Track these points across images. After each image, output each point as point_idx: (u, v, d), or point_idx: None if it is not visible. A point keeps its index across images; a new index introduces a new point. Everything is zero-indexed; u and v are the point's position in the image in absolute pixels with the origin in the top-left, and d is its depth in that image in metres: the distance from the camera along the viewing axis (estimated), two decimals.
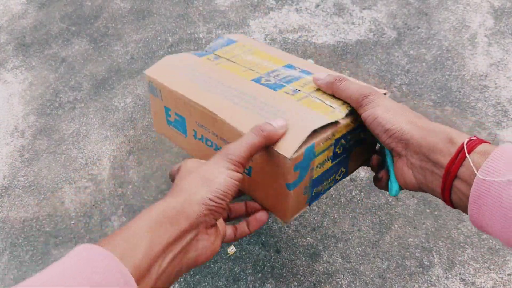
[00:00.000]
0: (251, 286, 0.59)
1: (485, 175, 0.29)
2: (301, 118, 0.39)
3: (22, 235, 0.66)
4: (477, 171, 0.29)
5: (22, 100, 0.81)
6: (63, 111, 0.78)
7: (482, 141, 0.32)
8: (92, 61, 0.84)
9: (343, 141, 0.41)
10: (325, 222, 0.63)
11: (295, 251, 0.61)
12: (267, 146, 0.37)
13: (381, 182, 0.42)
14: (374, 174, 0.45)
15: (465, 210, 0.32)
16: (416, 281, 0.57)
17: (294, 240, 0.62)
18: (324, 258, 0.60)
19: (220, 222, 0.38)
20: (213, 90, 0.45)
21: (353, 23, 0.83)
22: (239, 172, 0.35)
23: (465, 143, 0.31)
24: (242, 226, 0.42)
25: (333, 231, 0.62)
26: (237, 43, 0.54)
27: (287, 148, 0.36)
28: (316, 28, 0.83)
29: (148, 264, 0.28)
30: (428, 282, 0.56)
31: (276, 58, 0.51)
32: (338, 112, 0.40)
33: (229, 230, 0.41)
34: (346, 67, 0.77)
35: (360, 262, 0.59)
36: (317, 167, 0.40)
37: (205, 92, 0.45)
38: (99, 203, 0.68)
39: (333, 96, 0.42)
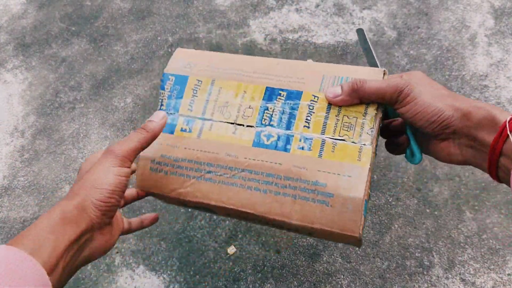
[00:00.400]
0: (251, 286, 0.59)
1: None
2: (342, 186, 0.37)
3: None
4: None
5: (22, 100, 0.81)
6: (63, 111, 0.78)
7: None
8: (92, 61, 0.84)
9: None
10: None
11: (295, 251, 0.61)
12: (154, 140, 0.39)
13: (400, 148, 0.43)
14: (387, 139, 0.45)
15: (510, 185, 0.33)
16: (416, 281, 0.57)
17: (294, 240, 0.62)
18: (324, 258, 0.60)
19: (117, 217, 0.40)
20: (226, 186, 0.40)
21: (353, 23, 0.83)
22: (126, 167, 0.37)
23: (508, 120, 0.32)
24: (137, 221, 0.45)
25: None
26: (190, 80, 0.43)
27: (353, 228, 0.36)
28: (316, 28, 0.83)
29: (55, 260, 0.31)
30: (428, 282, 0.56)
31: (247, 86, 0.42)
32: (367, 148, 0.38)
33: (125, 223, 0.44)
34: None
35: (360, 262, 0.59)
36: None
37: (218, 192, 0.40)
38: None
39: (345, 110, 0.39)
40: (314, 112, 0.40)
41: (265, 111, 0.41)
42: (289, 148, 0.39)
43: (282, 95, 0.41)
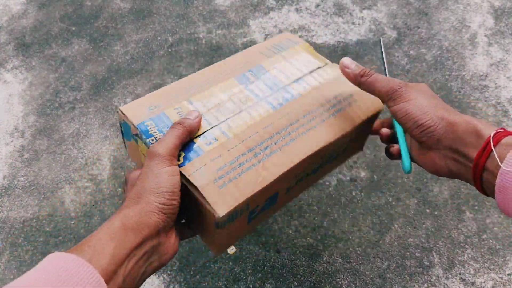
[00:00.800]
0: (251, 286, 0.59)
1: (509, 167, 0.30)
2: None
3: (22, 235, 0.66)
4: (502, 163, 0.31)
5: (22, 100, 0.81)
6: (63, 111, 0.78)
7: (508, 133, 0.33)
8: (92, 61, 0.84)
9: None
10: (325, 222, 0.63)
11: (295, 251, 0.61)
12: (189, 138, 0.39)
13: (393, 156, 0.44)
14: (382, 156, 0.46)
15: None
16: (416, 281, 0.57)
17: (294, 240, 0.62)
18: (324, 258, 0.60)
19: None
20: (288, 145, 0.41)
21: (353, 23, 0.83)
22: (175, 165, 0.37)
23: (492, 136, 0.33)
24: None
25: (333, 231, 0.62)
26: (167, 112, 0.42)
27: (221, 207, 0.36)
28: (316, 28, 0.83)
29: (115, 267, 0.31)
30: (428, 282, 0.56)
31: (219, 86, 0.44)
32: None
33: (185, 228, 0.43)
34: None
35: (360, 262, 0.59)
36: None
37: (288, 153, 0.40)
38: (99, 203, 0.68)
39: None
40: None
41: (252, 89, 0.44)
42: (297, 93, 0.44)
43: (251, 73, 0.46)
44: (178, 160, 0.38)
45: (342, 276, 0.59)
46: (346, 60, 0.43)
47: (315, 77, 0.47)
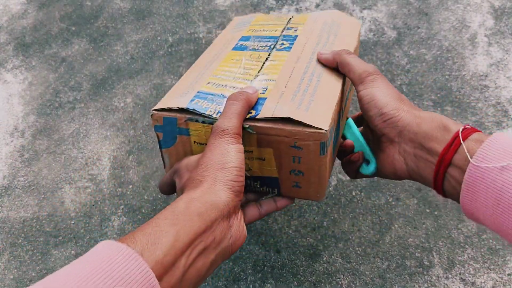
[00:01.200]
0: (251, 286, 0.59)
1: (479, 162, 0.29)
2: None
3: (22, 235, 0.66)
4: (471, 158, 0.30)
5: (22, 100, 0.81)
6: (63, 111, 0.78)
7: (476, 130, 0.32)
8: (92, 61, 0.84)
9: None
10: (325, 222, 0.63)
11: (295, 251, 0.61)
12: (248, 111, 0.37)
13: (356, 164, 0.42)
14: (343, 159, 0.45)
15: (456, 198, 0.32)
16: (416, 281, 0.57)
17: (294, 240, 0.62)
18: (324, 258, 0.60)
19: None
20: None
21: None
22: (241, 143, 0.35)
23: (460, 130, 0.32)
24: (268, 202, 0.41)
25: (333, 231, 0.62)
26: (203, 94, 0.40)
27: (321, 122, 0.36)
28: None
29: (173, 258, 0.26)
30: (428, 282, 0.56)
31: (222, 60, 0.46)
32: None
33: (252, 210, 0.40)
34: None
35: (360, 262, 0.59)
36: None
37: None
38: (99, 203, 0.68)
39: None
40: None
41: (255, 47, 0.47)
42: (294, 34, 0.49)
43: (242, 41, 0.49)
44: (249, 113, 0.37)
45: (342, 276, 0.59)
46: (322, 50, 0.44)
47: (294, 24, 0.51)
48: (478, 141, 0.31)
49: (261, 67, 0.44)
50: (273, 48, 0.46)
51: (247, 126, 0.36)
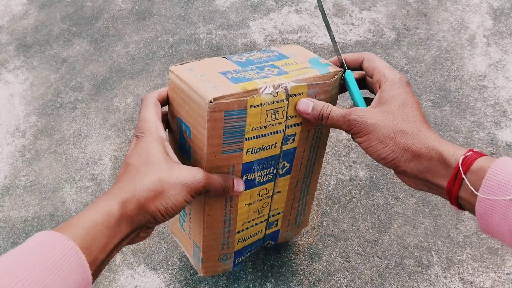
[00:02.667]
0: (251, 285, 0.59)
1: (487, 195, 0.29)
2: None
3: (24, 234, 0.66)
4: (478, 190, 0.29)
5: (23, 101, 0.81)
6: (64, 111, 0.79)
7: (476, 156, 0.31)
8: (93, 62, 0.85)
9: None
10: (324, 222, 0.63)
11: (295, 251, 0.61)
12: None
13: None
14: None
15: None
16: (415, 280, 0.57)
17: (294, 240, 0.62)
18: (324, 258, 0.60)
19: None
20: None
21: (352, 24, 0.84)
22: (193, 197, 0.36)
23: (460, 163, 0.31)
24: None
25: (332, 230, 0.63)
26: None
27: None
28: (315, 28, 0.84)
29: (104, 256, 0.31)
30: (427, 281, 0.57)
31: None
32: None
33: None
34: None
35: (360, 261, 0.60)
36: None
37: None
38: None
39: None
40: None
41: (262, 185, 0.48)
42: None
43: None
44: None
45: (341, 275, 0.59)
46: (302, 105, 0.40)
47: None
48: (481, 171, 0.30)
49: (270, 205, 0.49)
50: (276, 174, 0.47)
51: None
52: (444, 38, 0.80)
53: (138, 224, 0.33)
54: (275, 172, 0.47)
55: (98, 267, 0.30)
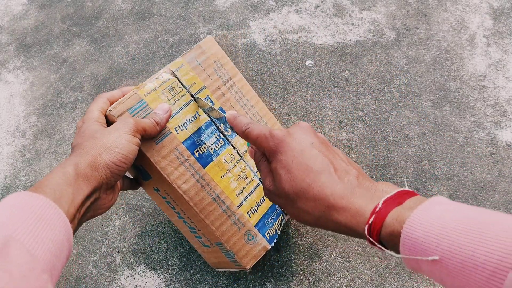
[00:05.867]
0: (251, 285, 0.59)
1: (408, 254, 0.27)
2: None
3: None
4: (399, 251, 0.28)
5: (24, 101, 0.81)
6: (64, 111, 0.79)
7: (380, 219, 0.29)
8: (93, 62, 0.85)
9: None
10: None
11: (295, 250, 0.61)
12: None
13: None
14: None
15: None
16: (415, 280, 0.57)
17: (294, 239, 0.62)
18: (324, 257, 0.60)
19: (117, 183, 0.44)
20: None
21: (352, 24, 0.84)
22: (138, 139, 0.41)
23: (366, 232, 0.29)
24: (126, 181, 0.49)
25: None
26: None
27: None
28: (315, 29, 0.84)
29: (74, 211, 0.34)
30: (427, 281, 0.57)
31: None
32: None
33: (126, 181, 0.48)
34: (346, 67, 0.78)
35: (360, 261, 0.60)
36: None
37: None
38: None
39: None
40: None
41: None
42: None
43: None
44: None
45: (341, 275, 0.59)
46: (230, 116, 0.42)
47: None
48: (392, 237, 0.28)
49: (248, 167, 0.53)
50: (225, 137, 0.52)
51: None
52: (444, 38, 0.80)
53: (96, 181, 0.36)
54: (222, 136, 0.52)
55: (71, 221, 0.33)
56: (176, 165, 0.47)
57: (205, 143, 0.49)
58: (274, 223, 0.53)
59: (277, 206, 0.53)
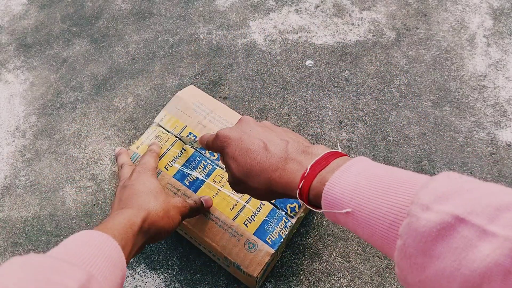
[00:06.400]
0: None
1: (328, 208, 0.31)
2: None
3: (24, 234, 0.66)
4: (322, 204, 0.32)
5: (24, 101, 0.81)
6: (64, 111, 0.79)
7: (307, 182, 0.33)
8: (93, 62, 0.85)
9: None
10: (324, 222, 0.63)
11: (295, 250, 0.61)
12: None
13: None
14: None
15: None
16: None
17: (294, 240, 0.62)
18: (324, 257, 0.60)
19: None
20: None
21: (352, 24, 0.84)
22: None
23: (297, 196, 0.34)
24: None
25: (332, 230, 0.63)
26: None
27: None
28: (315, 29, 0.84)
29: (128, 259, 0.38)
30: None
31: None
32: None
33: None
34: (346, 67, 0.78)
35: (360, 261, 0.60)
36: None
37: None
38: (100, 202, 0.68)
39: None
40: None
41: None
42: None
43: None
44: None
45: (341, 275, 0.59)
46: (198, 139, 0.50)
47: None
48: (321, 183, 0.32)
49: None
50: (212, 162, 0.58)
51: None
52: (444, 38, 0.80)
53: (149, 236, 0.42)
54: (209, 161, 0.58)
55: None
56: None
57: (193, 171, 0.57)
58: (276, 227, 0.54)
59: (277, 210, 0.55)
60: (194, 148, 0.59)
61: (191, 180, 0.57)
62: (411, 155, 0.68)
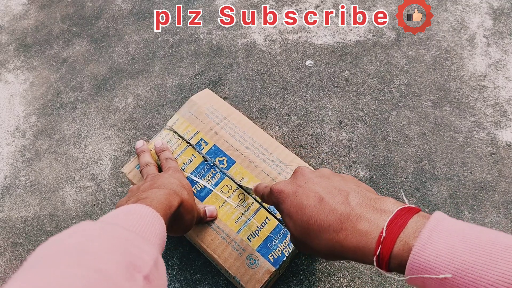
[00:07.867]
0: None
1: (415, 274, 0.28)
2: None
3: (24, 234, 0.66)
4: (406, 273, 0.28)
5: (24, 101, 0.81)
6: (64, 112, 0.79)
7: (387, 249, 0.29)
8: (93, 62, 0.85)
9: None
10: None
11: (295, 250, 0.61)
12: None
13: None
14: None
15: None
16: None
17: None
18: None
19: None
20: None
21: (352, 24, 0.84)
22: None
23: (375, 264, 0.30)
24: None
25: None
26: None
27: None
28: (315, 29, 0.84)
29: (166, 217, 0.40)
30: None
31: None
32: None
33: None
34: (346, 67, 0.78)
35: None
36: None
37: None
38: (100, 202, 0.68)
39: None
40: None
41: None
42: None
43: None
44: None
45: (341, 275, 0.59)
46: (253, 188, 0.49)
47: None
48: (400, 259, 0.29)
49: (247, 193, 0.56)
50: (221, 170, 0.58)
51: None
52: (444, 38, 0.80)
53: (170, 225, 0.42)
54: (217, 170, 0.57)
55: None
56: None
57: (201, 179, 0.57)
58: (279, 244, 0.53)
59: (282, 227, 0.54)
60: (205, 161, 0.59)
61: (198, 188, 0.56)
62: (411, 155, 0.68)
